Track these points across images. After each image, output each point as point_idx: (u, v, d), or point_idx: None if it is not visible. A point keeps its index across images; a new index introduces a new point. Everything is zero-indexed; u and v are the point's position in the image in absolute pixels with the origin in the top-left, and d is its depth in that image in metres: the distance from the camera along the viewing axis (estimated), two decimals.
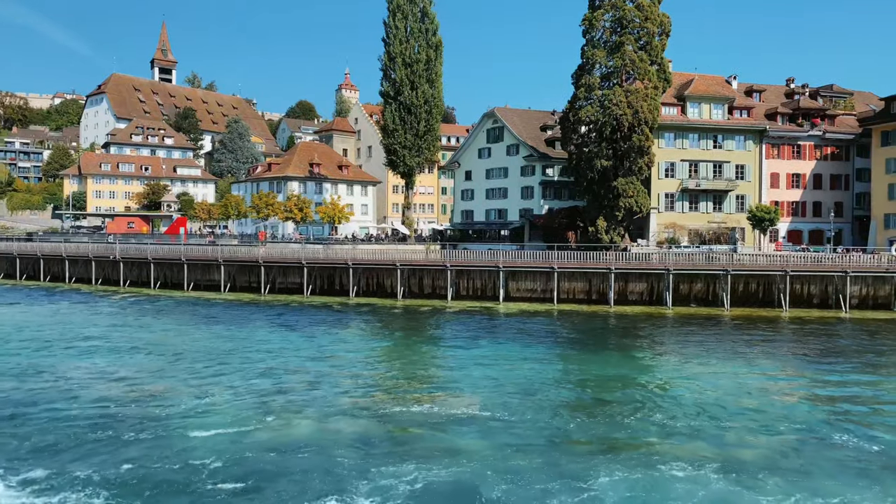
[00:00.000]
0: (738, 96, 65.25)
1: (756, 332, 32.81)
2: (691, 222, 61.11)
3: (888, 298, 39.75)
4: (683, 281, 41.24)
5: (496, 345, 28.97)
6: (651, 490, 13.39)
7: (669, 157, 61.37)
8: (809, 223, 64.40)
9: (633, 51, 53.76)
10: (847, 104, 69.64)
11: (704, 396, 20.68)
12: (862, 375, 23.54)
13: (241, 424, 17.64)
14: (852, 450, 15.74)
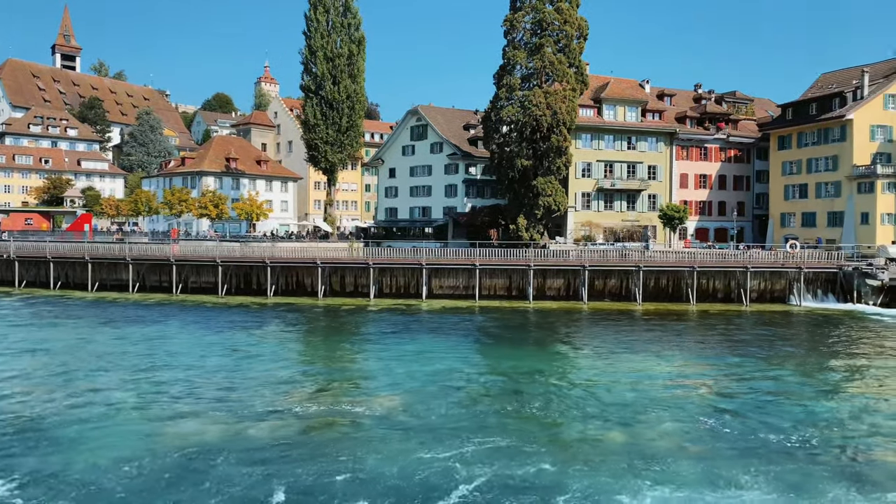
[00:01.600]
0: (651, 100, 68.15)
1: (666, 326, 34.38)
2: (606, 220, 63.34)
3: (783, 292, 42.65)
4: (598, 277, 42.67)
5: (418, 342, 28.95)
6: (564, 479, 13.72)
7: (586, 157, 63.33)
8: (715, 221, 68.20)
9: (552, 53, 55.08)
10: (748, 110, 74.18)
11: (617, 388, 21.43)
12: (760, 365, 25.09)
13: (147, 431, 16.76)
14: (752, 436, 16.70)
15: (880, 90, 59.24)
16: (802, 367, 24.75)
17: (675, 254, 47.80)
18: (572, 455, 15.25)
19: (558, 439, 16.49)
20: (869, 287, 41.36)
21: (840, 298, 42.06)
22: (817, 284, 42.77)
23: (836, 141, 60.30)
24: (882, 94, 59.07)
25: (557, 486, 13.47)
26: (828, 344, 29.78)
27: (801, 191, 63.93)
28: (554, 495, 13.04)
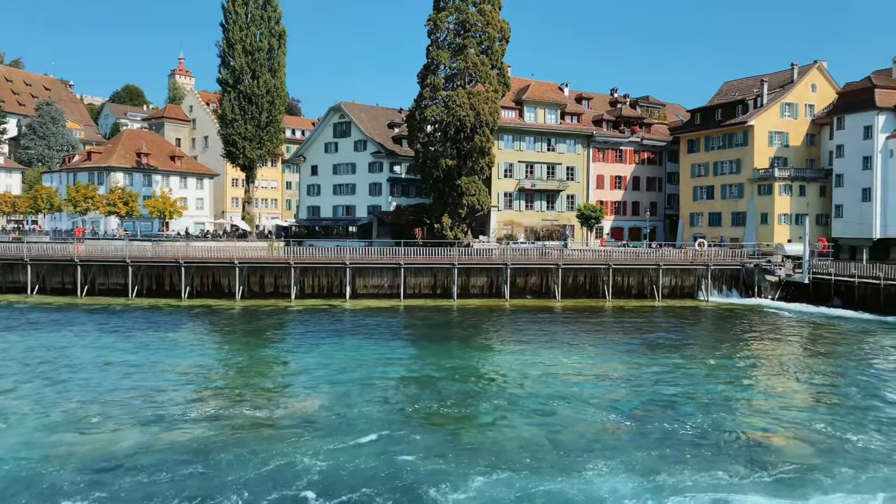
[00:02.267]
0: (570, 103, 70.20)
1: (584, 321, 35.52)
2: (527, 220, 64.75)
3: (692, 288, 44.99)
4: (520, 275, 43.55)
5: (341, 342, 28.56)
6: (485, 474, 13.89)
7: (508, 158, 64.48)
8: (629, 221, 71.09)
9: (475, 54, 55.72)
10: (661, 114, 77.81)
11: (537, 382, 21.93)
12: (671, 357, 26.33)
13: (52, 441, 15.66)
14: (665, 426, 17.49)
15: (777, 99, 63.53)
16: (709, 358, 26.17)
17: (592, 252, 49.46)
18: (490, 449, 15.46)
19: (478, 434, 16.68)
20: (768, 282, 44.30)
21: (743, 293, 44.81)
22: (722, 280, 45.39)
23: (739, 145, 64.18)
24: (779, 103, 63.35)
25: (476, 480, 13.62)
26: (732, 336, 31.64)
27: (708, 192, 67.63)
28: (474, 489, 13.17)
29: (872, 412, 18.50)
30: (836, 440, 16.10)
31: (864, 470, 14.16)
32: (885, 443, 15.88)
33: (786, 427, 17.40)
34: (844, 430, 16.88)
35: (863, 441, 15.99)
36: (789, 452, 15.45)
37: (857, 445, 15.70)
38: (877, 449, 15.46)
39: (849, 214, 60.09)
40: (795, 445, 15.94)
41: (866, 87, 59.02)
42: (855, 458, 14.91)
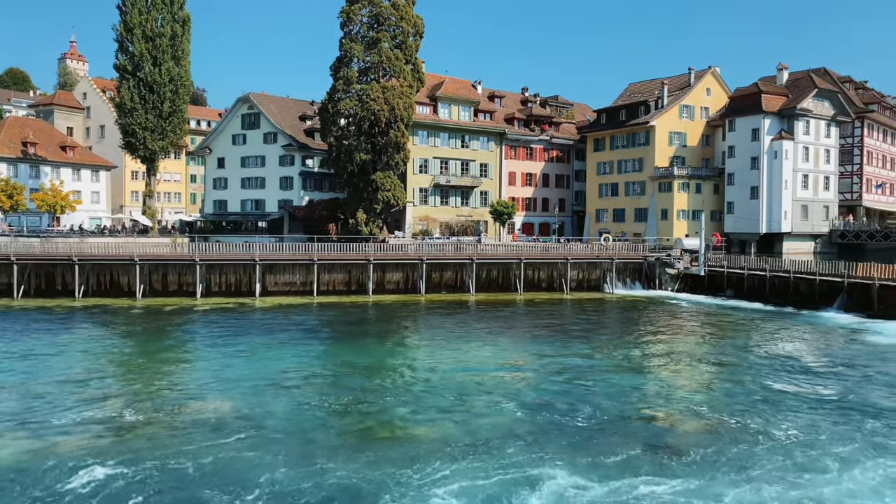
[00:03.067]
0: (483, 100, 71.29)
1: (497, 315, 36.21)
2: (442, 215, 65.27)
3: (598, 281, 46.87)
4: (435, 270, 43.81)
5: (251, 342, 27.65)
6: (398, 470, 13.88)
7: (423, 153, 64.70)
8: (539, 217, 73.20)
9: (389, 48, 55.41)
10: (569, 114, 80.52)
11: (452, 375, 22.15)
12: (578, 347, 27.34)
13: None
14: (574, 416, 18.13)
15: (677, 101, 67.28)
16: (614, 347, 27.38)
17: (504, 247, 50.49)
18: (404, 444, 15.48)
19: (392, 430, 16.65)
20: (668, 275, 46.86)
21: (645, 285, 47.19)
22: (626, 273, 47.58)
23: (641, 145, 67.50)
24: (678, 105, 67.13)
25: (388, 477, 13.60)
26: (635, 326, 33.24)
27: (612, 189, 70.71)
28: (386, 487, 13.14)
29: (761, 393, 19.97)
30: (728, 420, 17.25)
31: (755, 449, 15.26)
32: (772, 422, 17.18)
33: (683, 410, 18.48)
34: (737, 411, 18.13)
35: (754, 421, 17.22)
36: (687, 434, 16.40)
37: (748, 425, 16.90)
38: (765, 428, 16.70)
39: (739, 211, 64.64)
40: (692, 427, 16.94)
41: (754, 92, 63.61)
42: (747, 437, 16.04)
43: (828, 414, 17.90)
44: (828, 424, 16.95)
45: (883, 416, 17.57)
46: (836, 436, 16.06)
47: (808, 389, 20.50)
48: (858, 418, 17.44)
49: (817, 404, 18.86)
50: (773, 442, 15.60)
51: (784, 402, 19.09)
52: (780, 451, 14.97)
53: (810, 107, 62.27)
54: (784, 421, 17.21)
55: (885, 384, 21.07)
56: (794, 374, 22.60)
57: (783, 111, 61.60)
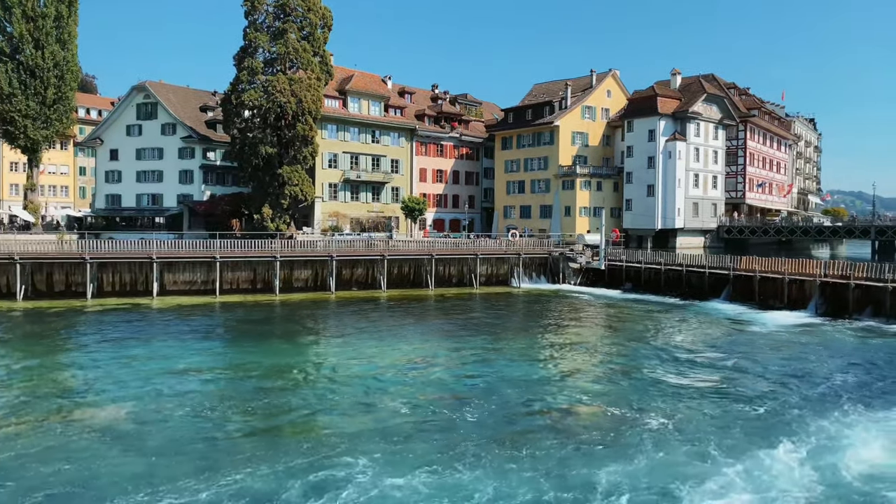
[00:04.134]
0: (393, 96, 71.03)
1: (408, 311, 36.29)
2: (353, 211, 64.54)
3: (506, 275, 47.99)
4: (346, 266, 43.28)
5: (148, 344, 26.20)
6: (311, 471, 13.65)
7: (333, 148, 63.67)
8: (450, 213, 73.94)
9: (296, 40, 54.04)
10: (478, 112, 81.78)
11: (363, 372, 21.98)
12: (488, 340, 27.90)
13: None
14: (483, 407, 18.48)
15: (579, 102, 69.84)
16: (520, 340, 28.16)
17: (416, 243, 50.63)
18: (312, 444, 15.24)
19: (300, 431, 16.34)
20: (571, 269, 48.69)
21: (550, 279, 48.80)
22: (532, 268, 49.01)
23: (546, 144, 69.62)
24: (580, 106, 69.70)
25: (294, 478, 13.35)
26: (540, 318, 34.32)
27: (519, 187, 72.54)
28: (291, 488, 12.89)
29: (653, 380, 21.17)
30: (622, 407, 18.17)
31: (654, 434, 16.17)
32: (662, 408, 18.26)
33: (583, 399, 19.30)
34: (630, 398, 19.13)
35: (647, 407, 18.24)
36: (591, 422, 17.14)
37: (642, 412, 17.87)
38: (656, 413, 17.73)
39: (637, 208, 68.07)
40: (591, 415, 17.73)
41: (650, 95, 67.13)
42: (640, 424, 16.96)
43: (711, 399, 19.24)
44: (711, 408, 18.23)
45: (758, 400, 19.10)
46: (716, 419, 17.30)
47: (693, 376, 21.95)
48: (737, 403, 18.87)
49: (702, 390, 20.22)
50: (663, 426, 16.60)
51: (672, 388, 20.34)
52: (669, 435, 15.95)
53: (700, 110, 66.56)
54: (672, 406, 18.34)
55: (761, 370, 22.91)
56: (682, 361, 24.13)
57: (677, 114, 65.45)
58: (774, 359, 24.44)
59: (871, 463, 14.10)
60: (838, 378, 21.36)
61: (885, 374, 21.94)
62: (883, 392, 19.64)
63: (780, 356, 24.93)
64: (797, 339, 28.18)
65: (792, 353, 25.57)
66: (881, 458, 14.38)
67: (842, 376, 21.57)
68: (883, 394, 19.44)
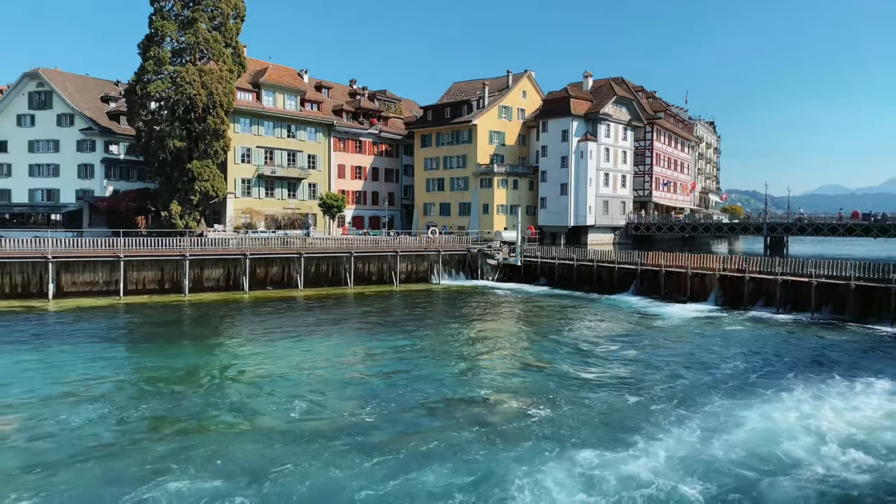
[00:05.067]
0: (310, 90, 69.59)
1: (326, 309, 35.75)
2: (268, 208, 62.81)
3: (426, 272, 48.23)
4: (260, 265, 42.11)
5: (44, 351, 24.47)
6: (220, 480, 13.22)
7: (246, 142, 61.67)
8: (369, 210, 73.37)
9: (206, 29, 51.90)
10: (397, 109, 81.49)
11: (279, 374, 21.47)
12: (408, 337, 27.95)
13: None
14: (398, 404, 18.49)
15: (496, 102, 71.00)
16: (438, 336, 28.38)
17: (334, 240, 49.95)
18: (226, 451, 14.78)
19: (213, 438, 15.78)
20: (489, 265, 49.57)
21: (468, 276, 49.47)
22: (452, 265, 49.51)
23: (465, 142, 70.35)
24: (497, 105, 70.88)
25: (208, 489, 12.91)
26: (459, 314, 34.71)
27: (439, 184, 72.98)
28: (204, 498, 12.46)
29: (568, 372, 21.91)
30: (536, 399, 18.71)
31: (572, 423, 16.72)
32: (575, 398, 18.94)
33: (505, 391, 19.72)
34: (543, 389, 19.73)
35: (560, 397, 18.86)
36: (511, 414, 17.52)
37: (556, 402, 18.46)
38: (569, 403, 18.37)
39: (551, 206, 70.03)
40: (515, 407, 18.14)
41: (564, 96, 69.20)
42: (566, 412, 17.52)
43: (615, 388, 20.13)
44: (614, 397, 19.08)
45: (659, 386, 20.18)
46: (618, 407, 18.14)
47: (601, 367, 22.91)
48: (639, 390, 19.85)
49: (608, 380, 21.13)
50: (565, 416, 17.24)
51: (579, 380, 21.14)
52: (568, 424, 16.58)
53: (611, 112, 69.30)
54: (577, 396, 19.07)
55: (663, 359, 24.20)
56: (590, 353, 25.11)
57: (588, 115, 67.84)
58: (676, 348, 25.88)
59: (751, 441, 15.21)
60: (732, 364, 22.89)
61: (772, 359, 23.72)
62: (770, 375, 21.20)
63: (681, 345, 26.42)
64: (698, 330, 29.96)
65: (692, 342, 27.17)
66: (763, 436, 15.53)
67: (735, 362, 23.13)
68: (769, 377, 20.98)
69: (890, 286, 30.39)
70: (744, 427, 16.14)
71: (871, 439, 15.33)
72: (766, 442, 15.15)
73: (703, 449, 14.73)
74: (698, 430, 15.94)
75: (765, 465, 13.96)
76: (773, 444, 15.03)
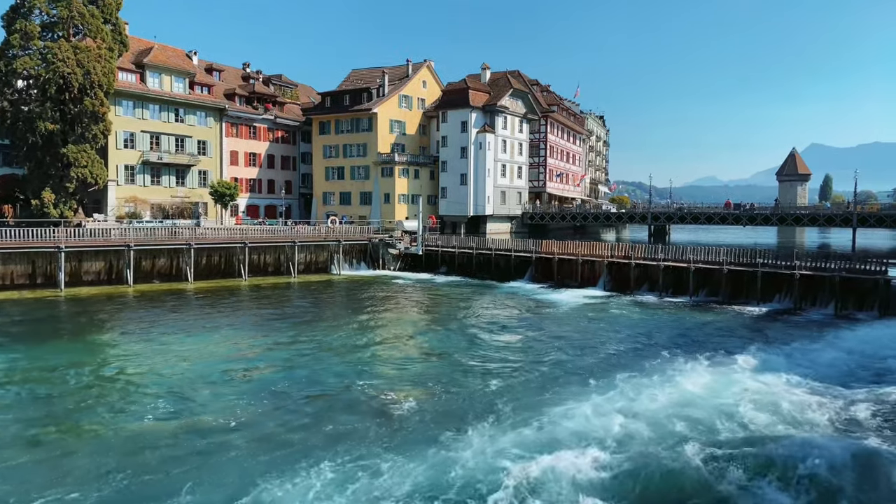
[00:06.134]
0: (200, 73, 66.15)
1: (219, 303, 34.33)
2: (154, 196, 59.28)
3: (326, 263, 47.45)
4: (146, 257, 39.75)
5: None
6: (102, 483, 12.45)
7: (129, 126, 57.79)
8: (265, 199, 71.03)
9: (82, 3, 47.90)
10: (294, 94, 79.17)
11: (167, 371, 20.43)
12: (307, 329, 27.42)
13: None
14: (303, 395, 18.15)
15: (396, 90, 70.72)
16: (339, 327, 28.07)
17: (227, 230, 47.99)
18: (114, 455, 13.93)
19: (96, 442, 14.81)
20: (390, 255, 49.51)
21: (370, 266, 49.19)
22: (353, 255, 49.00)
23: (365, 130, 69.60)
24: (398, 94, 70.63)
25: (93, 494, 12.14)
26: (361, 305, 34.48)
27: (339, 173, 71.84)
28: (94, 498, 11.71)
29: (465, 359, 22.39)
30: (438, 385, 19.02)
31: (467, 409, 17.10)
32: (470, 383, 19.41)
33: (402, 381, 19.86)
34: (444, 374, 20.08)
35: (459, 383, 19.26)
36: (407, 403, 17.66)
37: (455, 387, 18.84)
38: (472, 387, 18.80)
39: (451, 195, 70.91)
40: (411, 396, 18.30)
41: (463, 88, 70.07)
42: (460, 399, 17.87)
43: (510, 372, 20.86)
44: (510, 379, 19.78)
45: (550, 367, 21.12)
46: (519, 386, 18.83)
47: (497, 352, 23.65)
48: (530, 372, 20.69)
49: (502, 364, 21.85)
50: (458, 400, 17.70)
51: (476, 365, 21.72)
52: (460, 407, 17.04)
53: (507, 104, 70.97)
54: (470, 381, 19.60)
55: (555, 341, 25.32)
56: (487, 339, 25.84)
57: (486, 107, 69.11)
58: (566, 331, 27.12)
59: (631, 409, 16.29)
60: (615, 345, 24.33)
61: (653, 338, 25.42)
62: (649, 353, 22.72)
63: (571, 329, 27.73)
64: (587, 314, 31.53)
65: (581, 325, 28.58)
66: (642, 408, 16.67)
67: (618, 344, 24.60)
68: (649, 356, 22.48)
69: (756, 270, 33.39)
70: (627, 398, 17.21)
71: (737, 406, 16.80)
72: (647, 412, 16.22)
73: (585, 423, 15.55)
74: (587, 404, 16.80)
75: (650, 431, 14.95)
76: (653, 413, 16.13)
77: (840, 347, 23.47)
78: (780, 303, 32.69)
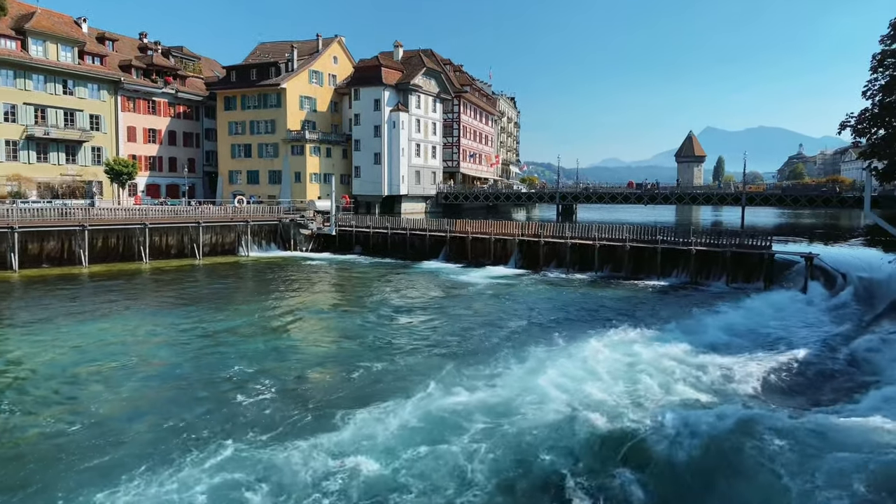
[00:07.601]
0: (90, 41, 61.59)
1: (117, 287, 32.41)
2: (41, 174, 54.94)
3: (233, 244, 45.76)
4: (33, 240, 36.86)
5: None
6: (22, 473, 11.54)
7: (10, 98, 53.09)
8: (167, 178, 67.51)
9: None
10: (196, 67, 75.21)
11: (60, 363, 19.10)
12: (213, 314, 26.38)
13: None
14: (210, 384, 17.47)
15: (306, 65, 68.75)
16: (248, 310, 27.22)
17: (125, 211, 45.25)
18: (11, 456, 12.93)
19: None
20: (302, 235, 48.39)
21: (281, 246, 47.91)
22: (262, 236, 47.52)
23: (273, 106, 67.36)
24: (307, 70, 68.69)
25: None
26: (271, 287, 33.57)
27: (246, 150, 69.28)
28: None
29: (380, 339, 22.35)
30: (352, 367, 18.89)
31: (379, 388, 17.05)
32: (384, 364, 19.41)
33: (323, 363, 19.55)
34: (359, 356, 19.96)
35: (375, 364, 19.21)
36: (330, 388, 17.42)
37: (371, 368, 18.77)
38: (385, 367, 18.78)
39: (365, 175, 70.16)
40: (334, 379, 18.06)
41: (375, 65, 69.07)
42: (370, 379, 17.80)
43: (423, 350, 21.06)
44: (424, 357, 19.97)
45: (462, 343, 21.48)
46: (431, 367, 19.04)
47: (410, 332, 23.77)
48: (444, 348, 20.98)
49: (417, 342, 22.01)
50: (371, 381, 17.72)
51: (389, 344, 21.76)
52: (374, 388, 17.08)
53: (421, 83, 70.60)
54: (386, 362, 19.65)
55: (469, 318, 25.75)
56: (401, 319, 25.91)
57: (399, 85, 68.47)
58: (479, 308, 27.62)
59: (526, 388, 16.86)
60: (521, 320, 25.04)
61: (559, 312, 26.35)
62: (555, 326, 23.56)
63: (486, 304, 28.27)
64: (499, 291, 32.21)
65: (491, 303, 29.18)
66: (533, 383, 17.28)
67: (526, 318, 25.33)
68: (554, 330, 23.31)
69: (657, 246, 35.22)
70: (529, 372, 17.77)
71: (635, 376, 17.74)
72: (545, 384, 16.80)
73: (486, 397, 15.93)
74: (480, 381, 17.21)
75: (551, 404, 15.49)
76: (546, 383, 16.71)
77: (729, 317, 25.23)
78: (678, 277, 34.69)
